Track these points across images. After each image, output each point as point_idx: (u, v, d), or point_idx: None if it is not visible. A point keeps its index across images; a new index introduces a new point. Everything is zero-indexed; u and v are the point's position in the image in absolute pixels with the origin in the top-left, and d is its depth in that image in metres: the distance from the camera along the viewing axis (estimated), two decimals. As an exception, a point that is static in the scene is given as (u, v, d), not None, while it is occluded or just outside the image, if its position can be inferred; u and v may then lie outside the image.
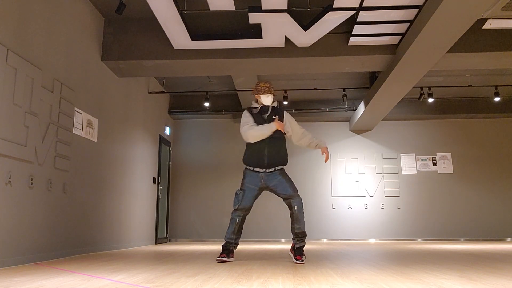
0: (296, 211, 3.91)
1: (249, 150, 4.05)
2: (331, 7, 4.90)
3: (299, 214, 3.91)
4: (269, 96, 4.08)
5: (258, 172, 3.96)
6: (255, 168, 3.97)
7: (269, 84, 4.11)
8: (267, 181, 3.94)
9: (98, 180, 5.56)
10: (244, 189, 3.97)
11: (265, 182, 3.94)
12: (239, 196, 3.96)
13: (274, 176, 3.95)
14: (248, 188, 3.96)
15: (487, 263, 3.64)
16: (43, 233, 4.22)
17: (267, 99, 4.08)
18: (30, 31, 4.07)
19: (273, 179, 3.94)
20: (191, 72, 6.35)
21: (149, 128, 7.79)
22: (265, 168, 3.94)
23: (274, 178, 3.94)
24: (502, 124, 9.41)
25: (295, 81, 8.09)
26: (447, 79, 8.09)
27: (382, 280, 2.55)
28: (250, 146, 4.04)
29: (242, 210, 3.97)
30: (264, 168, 3.95)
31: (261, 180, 3.94)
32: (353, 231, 9.03)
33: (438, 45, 5.02)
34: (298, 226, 3.89)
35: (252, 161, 3.99)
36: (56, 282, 2.55)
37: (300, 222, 3.90)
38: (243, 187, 3.99)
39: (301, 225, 3.90)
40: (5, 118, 3.64)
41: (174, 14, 4.98)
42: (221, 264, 3.63)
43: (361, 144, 9.46)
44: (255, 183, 3.95)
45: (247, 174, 4.01)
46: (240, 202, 3.94)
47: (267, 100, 4.09)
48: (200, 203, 9.21)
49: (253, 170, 3.98)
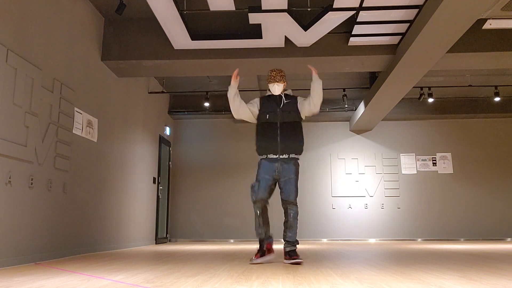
0: (291, 219, 3.79)
1: (259, 136, 3.87)
2: (331, 7, 4.90)
3: (293, 222, 3.79)
4: (274, 85, 3.90)
5: (272, 162, 3.78)
6: (268, 155, 3.80)
7: (277, 72, 3.91)
8: (281, 172, 3.76)
9: (98, 180, 5.56)
10: (259, 179, 3.78)
11: (279, 173, 3.77)
12: (254, 188, 3.78)
13: (288, 170, 3.77)
14: (263, 179, 3.77)
15: (487, 263, 3.64)
16: (43, 233, 4.22)
17: (273, 88, 3.92)
18: (30, 31, 4.07)
19: (285, 174, 3.76)
20: (191, 72, 6.35)
21: (149, 128, 7.79)
22: (279, 154, 3.77)
23: (287, 173, 3.76)
24: (502, 124, 9.42)
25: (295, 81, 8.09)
26: (447, 79, 8.09)
27: (382, 280, 2.55)
28: (260, 131, 3.87)
29: (259, 202, 3.77)
30: (278, 154, 3.77)
31: (276, 170, 3.77)
32: (353, 231, 9.03)
33: (438, 45, 5.02)
34: (290, 234, 3.78)
35: (264, 148, 3.82)
36: (56, 282, 2.55)
37: (293, 230, 3.78)
38: (258, 177, 3.80)
39: (293, 234, 3.78)
40: (5, 118, 3.64)
41: (174, 14, 4.98)
42: (221, 264, 3.63)
43: (361, 144, 9.46)
44: (270, 173, 3.77)
45: (261, 165, 3.83)
46: (256, 194, 3.75)
47: (274, 90, 3.92)
48: (200, 203, 9.21)
49: (267, 158, 3.80)
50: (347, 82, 8.11)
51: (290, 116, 3.86)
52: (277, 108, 3.87)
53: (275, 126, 3.82)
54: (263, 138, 3.84)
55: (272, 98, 3.95)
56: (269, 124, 3.85)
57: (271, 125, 3.83)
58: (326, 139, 9.48)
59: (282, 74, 3.94)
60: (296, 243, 3.78)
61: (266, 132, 3.84)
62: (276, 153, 3.79)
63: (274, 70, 3.94)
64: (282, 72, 3.95)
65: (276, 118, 3.85)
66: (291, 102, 3.93)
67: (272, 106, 3.89)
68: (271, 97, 3.97)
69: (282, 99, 3.92)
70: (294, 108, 3.92)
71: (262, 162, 3.84)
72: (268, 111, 3.88)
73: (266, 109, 3.91)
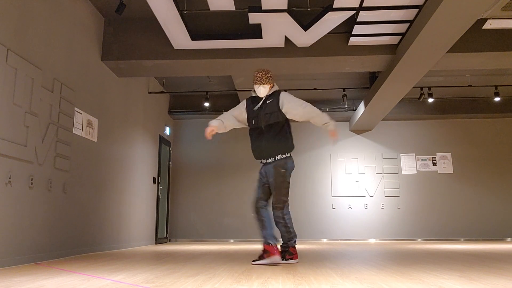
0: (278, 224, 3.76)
1: (251, 142, 3.88)
2: (331, 7, 4.90)
3: (278, 226, 3.75)
4: (260, 87, 3.77)
5: (262, 166, 3.85)
6: (261, 161, 3.84)
7: (264, 73, 3.76)
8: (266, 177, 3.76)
9: (98, 180, 5.56)
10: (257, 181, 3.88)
11: (266, 179, 3.77)
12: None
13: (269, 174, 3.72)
14: (258, 181, 3.86)
15: (487, 263, 3.64)
16: (43, 233, 4.22)
17: (258, 89, 3.79)
18: (30, 31, 4.07)
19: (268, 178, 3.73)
20: (191, 72, 6.36)
21: (149, 128, 7.79)
22: (266, 159, 3.77)
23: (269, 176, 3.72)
24: (502, 124, 9.41)
25: (295, 81, 8.09)
26: (447, 79, 8.09)
27: (382, 280, 2.55)
28: (250, 137, 3.87)
29: (253, 202, 3.84)
30: (266, 159, 3.77)
31: (264, 176, 3.80)
32: (353, 231, 9.03)
33: (438, 45, 5.02)
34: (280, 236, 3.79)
35: (254, 154, 3.86)
36: (56, 282, 2.55)
37: (281, 233, 3.78)
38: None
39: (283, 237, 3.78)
40: (5, 118, 3.64)
41: (174, 14, 4.98)
42: (221, 264, 3.63)
43: (361, 144, 9.46)
44: (262, 175, 3.83)
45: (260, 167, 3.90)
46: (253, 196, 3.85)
47: (259, 91, 3.79)
48: (200, 203, 9.21)
49: (261, 162, 3.86)
50: (347, 82, 8.11)
51: (271, 118, 3.72)
52: (258, 111, 3.77)
53: (260, 130, 3.78)
54: (252, 145, 3.87)
55: (256, 100, 3.85)
56: (254, 130, 3.84)
57: (256, 131, 3.82)
58: (326, 139, 9.46)
59: (269, 76, 3.78)
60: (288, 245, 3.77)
61: (253, 138, 3.86)
62: (264, 158, 3.81)
63: (261, 71, 3.79)
64: (268, 73, 3.79)
65: (259, 122, 3.77)
66: (272, 102, 3.76)
67: (254, 110, 3.81)
68: (255, 98, 3.87)
69: (263, 101, 3.79)
70: (275, 108, 3.73)
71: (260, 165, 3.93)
72: (252, 117, 3.82)
73: (250, 114, 3.85)
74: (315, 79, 7.99)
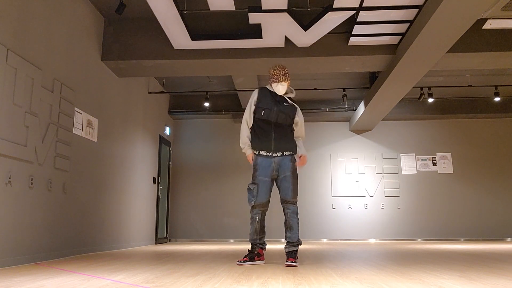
0: (289, 218, 3.66)
1: (255, 131, 3.76)
2: (331, 7, 4.90)
3: (291, 222, 3.64)
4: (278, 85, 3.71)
5: (268, 158, 3.67)
6: (261, 152, 3.69)
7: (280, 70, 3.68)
8: (278, 169, 3.66)
9: (98, 180, 5.56)
10: (257, 182, 3.66)
11: (276, 171, 3.67)
12: (253, 191, 3.65)
13: (284, 167, 3.66)
14: (261, 181, 3.65)
15: (487, 263, 3.64)
16: (43, 233, 4.22)
17: (277, 88, 3.72)
18: (30, 31, 4.07)
19: (282, 171, 3.66)
20: (191, 72, 6.35)
21: (149, 128, 7.79)
22: (272, 152, 3.67)
23: (283, 170, 3.66)
24: (502, 124, 9.41)
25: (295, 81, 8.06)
26: (447, 79, 8.09)
27: (382, 280, 2.55)
28: (256, 129, 3.75)
29: (259, 206, 3.67)
30: (271, 152, 3.67)
31: (273, 169, 3.67)
32: (353, 231, 9.03)
33: (438, 45, 5.02)
34: (290, 235, 3.63)
35: (258, 144, 3.71)
36: (56, 282, 2.55)
37: (293, 231, 3.63)
38: (255, 180, 3.68)
39: (293, 234, 3.62)
40: (5, 118, 3.64)
41: (174, 14, 4.98)
42: (221, 264, 3.63)
43: (361, 144, 9.46)
44: (268, 174, 3.66)
45: (258, 164, 3.69)
46: (255, 198, 3.63)
47: (278, 90, 3.72)
48: (200, 203, 9.21)
49: (259, 154, 3.70)
50: (347, 82, 8.11)
51: (286, 119, 3.73)
52: (274, 106, 3.70)
53: (269, 124, 3.70)
54: (258, 135, 3.74)
55: (271, 93, 3.77)
56: (262, 121, 3.73)
57: (264, 122, 3.72)
58: (326, 139, 9.48)
59: (286, 72, 3.72)
60: (297, 243, 3.64)
61: (260, 129, 3.74)
62: (270, 151, 3.69)
63: (277, 69, 3.70)
64: (285, 70, 3.72)
65: (271, 116, 3.70)
66: (291, 107, 3.77)
67: (268, 102, 3.72)
68: (270, 91, 3.79)
69: (283, 99, 3.77)
70: (292, 115, 3.78)
71: (259, 161, 3.70)
72: (264, 107, 3.71)
73: (262, 104, 3.72)
74: (315, 79, 7.99)
